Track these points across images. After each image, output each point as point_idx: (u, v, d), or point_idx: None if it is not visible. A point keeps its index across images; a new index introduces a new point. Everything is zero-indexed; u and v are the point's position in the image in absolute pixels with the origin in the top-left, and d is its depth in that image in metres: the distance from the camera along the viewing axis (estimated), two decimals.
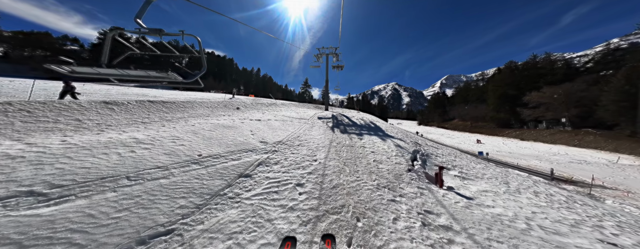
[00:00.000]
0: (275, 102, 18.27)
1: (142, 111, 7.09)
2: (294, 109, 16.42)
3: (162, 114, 7.25)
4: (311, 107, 21.77)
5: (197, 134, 5.53)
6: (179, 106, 8.76)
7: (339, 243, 2.29)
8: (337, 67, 19.27)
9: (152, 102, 8.22)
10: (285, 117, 10.86)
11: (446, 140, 31.13)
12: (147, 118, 6.42)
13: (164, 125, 6.04)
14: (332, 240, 2.23)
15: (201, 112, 8.79)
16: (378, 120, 16.00)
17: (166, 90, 23.39)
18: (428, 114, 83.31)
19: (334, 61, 22.02)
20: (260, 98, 29.55)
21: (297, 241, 2.20)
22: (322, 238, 2.29)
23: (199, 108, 9.39)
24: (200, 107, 9.55)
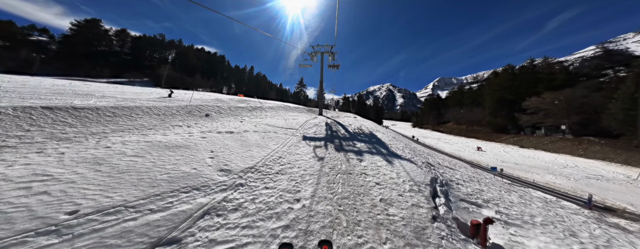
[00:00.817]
0: (262, 105, 16.12)
1: (19, 124, 4.62)
2: (282, 114, 14.39)
3: (57, 129, 4.73)
4: (303, 111, 19.78)
5: (102, 165, 3.39)
6: (105, 113, 6.26)
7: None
8: (333, 66, 18.23)
9: (52, 108, 5.75)
10: (268, 126, 8.85)
11: (445, 146, 29.89)
12: (18, 138, 4.09)
13: (41, 150, 3.71)
14: (329, 246, 2.20)
15: (143, 122, 6.43)
16: (378, 129, 14.21)
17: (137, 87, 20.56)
18: (422, 116, 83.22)
19: (330, 60, 20.21)
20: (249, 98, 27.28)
21: (292, 246, 2.19)
22: (319, 244, 2.28)
23: (142, 116, 6.88)
24: (147, 115, 7.07)
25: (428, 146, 28.78)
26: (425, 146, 27.97)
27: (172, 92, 17.24)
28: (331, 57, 19.60)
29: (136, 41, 62.19)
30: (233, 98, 19.47)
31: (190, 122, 7.36)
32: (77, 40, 49.10)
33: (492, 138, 35.28)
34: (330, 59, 20.16)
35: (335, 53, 19.47)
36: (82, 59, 42.61)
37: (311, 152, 6.02)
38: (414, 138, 42.17)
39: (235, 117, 10.00)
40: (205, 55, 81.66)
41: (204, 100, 15.26)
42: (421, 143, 32.25)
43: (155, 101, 10.53)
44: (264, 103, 22.31)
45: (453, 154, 24.90)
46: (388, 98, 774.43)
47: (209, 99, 16.21)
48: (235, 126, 7.95)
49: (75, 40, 49.00)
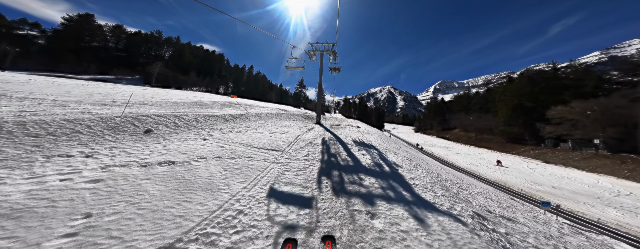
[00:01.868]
0: (246, 112, 13.47)
1: None
2: (270, 125, 11.82)
3: None
4: (298, 118, 17.20)
5: None
6: None
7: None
8: (334, 69, 16.75)
9: None
10: (243, 147, 6.28)
11: (457, 159, 26.55)
12: None
13: None
14: (332, 241, 2.20)
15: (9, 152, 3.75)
16: (389, 147, 11.51)
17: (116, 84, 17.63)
18: (425, 121, 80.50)
19: (331, 60, 17.76)
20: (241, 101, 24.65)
21: (297, 242, 2.19)
22: (322, 239, 2.28)
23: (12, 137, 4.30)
24: (23, 136, 4.33)
25: (438, 158, 25.90)
26: (434, 158, 25.18)
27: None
28: (332, 56, 17.13)
29: (131, 37, 59.95)
30: (218, 102, 16.92)
31: (101, 145, 4.71)
32: (67, 34, 46.83)
33: (506, 149, 32.23)
34: (331, 59, 17.70)
35: (336, 52, 17.03)
36: (69, 54, 40.23)
37: (295, 200, 3.45)
38: (418, 146, 39.52)
39: (198, 132, 7.42)
40: (203, 53, 79.35)
41: (177, 103, 12.72)
42: (428, 154, 29.59)
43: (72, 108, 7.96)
44: (255, 107, 19.76)
45: (471, 171, 21.67)
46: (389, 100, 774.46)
47: (184, 101, 13.66)
48: (189, 149, 5.38)
49: (65, 34, 46.72)
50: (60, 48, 42.23)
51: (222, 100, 20.65)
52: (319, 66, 16.91)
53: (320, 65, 16.76)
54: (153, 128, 6.34)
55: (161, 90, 25.73)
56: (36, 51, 39.38)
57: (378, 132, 18.05)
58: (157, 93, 19.27)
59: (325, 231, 2.66)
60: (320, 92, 17.22)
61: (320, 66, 16.77)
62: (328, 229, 2.73)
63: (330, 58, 17.52)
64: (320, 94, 17.35)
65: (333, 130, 12.98)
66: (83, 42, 50.13)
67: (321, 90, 17.04)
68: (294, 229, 2.61)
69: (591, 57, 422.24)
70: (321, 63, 16.75)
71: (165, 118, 7.51)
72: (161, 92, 20.68)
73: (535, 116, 29.91)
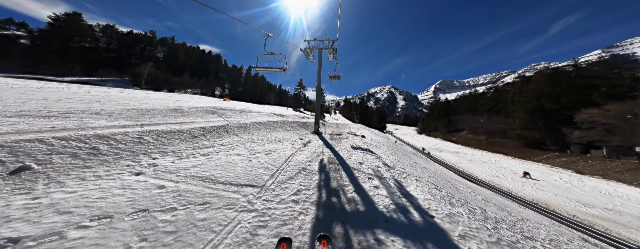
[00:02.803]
0: (228, 122, 10.78)
1: None
2: (258, 138, 9.28)
3: None
4: (294, 127, 14.64)
5: None
6: None
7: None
8: (334, 77, 15.80)
9: None
10: (201, 182, 3.76)
11: (475, 169, 23.35)
12: None
13: None
14: (328, 240, 2.20)
15: None
16: (415, 176, 8.95)
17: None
18: (428, 122, 77.78)
19: (330, 59, 15.33)
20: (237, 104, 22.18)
21: (292, 242, 2.17)
22: (318, 239, 2.25)
23: None
24: None
25: (451, 167, 22.86)
26: (446, 166, 22.48)
27: None
28: (332, 54, 14.70)
29: (123, 37, 57.57)
30: (201, 107, 14.42)
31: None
32: (54, 34, 44.48)
33: (525, 155, 29.29)
34: (330, 58, 15.26)
35: (336, 50, 14.60)
36: (52, 55, 37.83)
37: None
38: (424, 151, 36.91)
39: (135, 161, 4.86)
40: (199, 53, 77.00)
41: (145, 111, 10.24)
42: (440, 162, 26.94)
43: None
44: (244, 113, 17.26)
45: (498, 185, 18.24)
46: (389, 100, 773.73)
47: (156, 108, 11.15)
48: (90, 198, 2.86)
49: (51, 34, 44.38)
50: (45, 48, 39.88)
51: (208, 105, 18.17)
52: (317, 65, 14.47)
53: (319, 64, 14.32)
54: (35, 164, 3.81)
55: (144, 93, 23.25)
56: (18, 51, 36.99)
57: (386, 142, 15.57)
58: (132, 97, 16.80)
59: None
60: (318, 95, 14.76)
61: (319, 66, 14.33)
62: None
63: (330, 57, 15.12)
64: (319, 97, 14.89)
65: (334, 144, 10.48)
66: (73, 42, 47.81)
67: (320, 92, 14.58)
68: None
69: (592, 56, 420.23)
70: (319, 63, 14.31)
71: (79, 142, 4.97)
72: (139, 96, 18.19)
73: (558, 119, 27.10)
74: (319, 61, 14.35)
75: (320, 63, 14.36)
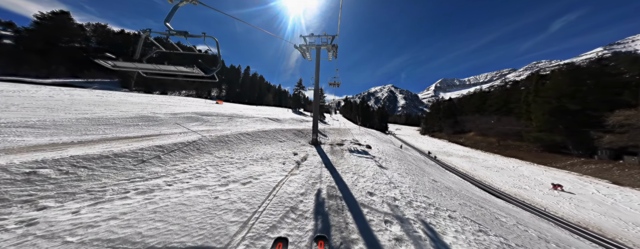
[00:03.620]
0: (202, 136, 8.34)
1: None
2: (239, 157, 6.91)
3: None
4: (287, 137, 12.27)
5: None
6: None
7: None
8: (334, 84, 15.04)
9: None
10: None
11: (493, 177, 21.08)
12: None
13: None
14: (324, 241, 2.26)
15: None
16: (447, 215, 6.78)
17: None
18: (431, 122, 75.44)
19: (330, 57, 13.19)
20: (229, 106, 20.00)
21: (288, 241, 2.21)
22: (315, 239, 2.33)
23: None
24: None
25: (464, 175, 20.18)
26: (460, 175, 20.12)
27: None
28: (331, 52, 12.56)
29: (113, 37, 55.43)
30: (181, 114, 12.28)
31: None
32: (40, 34, 42.35)
33: (544, 160, 26.81)
34: (330, 56, 13.11)
35: (337, 47, 12.48)
36: (36, 56, 35.73)
37: None
38: (430, 155, 34.70)
39: (6, 212, 2.67)
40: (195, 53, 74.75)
41: (102, 121, 8.09)
42: (452, 169, 24.66)
43: None
44: (233, 120, 15.12)
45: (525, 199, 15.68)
46: (389, 99, 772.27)
47: (122, 117, 8.95)
48: None
49: (37, 34, 42.25)
50: (29, 49, 37.77)
51: (193, 109, 16.02)
52: (315, 65, 12.30)
53: (317, 64, 12.15)
54: None
55: (125, 96, 21.12)
56: (0, 52, 34.90)
57: (395, 153, 13.42)
58: (104, 101, 14.65)
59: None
60: (316, 98, 12.59)
61: (317, 65, 12.16)
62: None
63: (330, 55, 12.98)
64: (317, 100, 12.72)
65: (335, 161, 8.32)
66: (61, 42, 45.68)
67: (318, 95, 12.41)
68: None
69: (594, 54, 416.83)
70: (317, 62, 12.15)
71: None
72: (114, 100, 16.04)
73: (583, 121, 24.67)
74: (317, 60, 12.20)
75: (318, 62, 12.21)
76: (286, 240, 2.09)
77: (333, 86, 14.01)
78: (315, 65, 12.27)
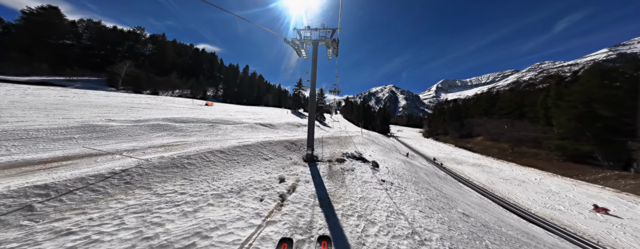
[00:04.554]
0: (151, 157, 5.70)
1: None
2: (198, 191, 4.13)
3: None
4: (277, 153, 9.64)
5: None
6: None
7: None
8: (334, 91, 14.02)
9: None
10: None
11: (516, 192, 18.13)
12: None
13: None
14: (328, 242, 2.33)
15: None
16: None
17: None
18: (435, 124, 72.78)
19: (329, 55, 10.81)
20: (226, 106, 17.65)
21: (293, 242, 2.32)
22: (318, 240, 2.41)
23: None
24: None
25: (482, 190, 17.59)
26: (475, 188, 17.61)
27: None
28: (331, 48, 10.18)
29: (106, 34, 53.11)
30: (145, 121, 9.88)
31: None
32: (25, 30, 40.12)
33: (569, 171, 23.70)
34: (329, 53, 10.72)
35: (337, 43, 10.14)
36: (17, 52, 33.50)
37: None
38: (435, 161, 32.22)
39: None
40: (192, 51, 72.53)
41: (27, 135, 5.73)
42: (461, 178, 22.21)
43: None
44: (215, 128, 12.75)
45: (565, 226, 12.72)
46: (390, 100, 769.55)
47: (64, 127, 6.55)
48: None
49: (22, 30, 40.02)
50: (11, 45, 35.53)
51: (168, 115, 13.62)
52: (311, 64, 9.86)
53: (313, 62, 9.70)
54: None
55: (95, 96, 18.73)
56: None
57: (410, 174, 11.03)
58: (59, 102, 12.30)
59: None
60: (312, 102, 10.15)
61: (313, 64, 9.71)
62: None
63: (329, 53, 10.54)
64: (313, 105, 10.28)
65: (335, 191, 5.89)
66: (48, 38, 43.46)
67: (314, 99, 9.98)
68: None
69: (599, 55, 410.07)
70: (314, 60, 9.70)
71: None
72: (74, 101, 13.68)
73: (617, 129, 21.95)
74: (314, 57, 9.75)
75: (315, 61, 9.76)
76: (291, 241, 2.19)
77: (333, 94, 11.55)
78: (312, 64, 9.83)
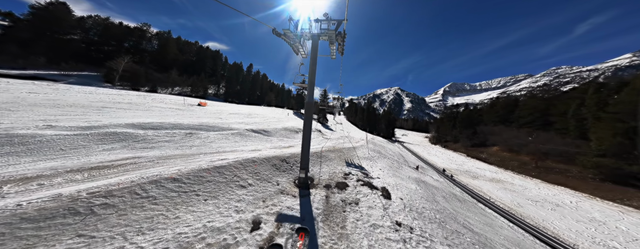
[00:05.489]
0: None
1: None
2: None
3: None
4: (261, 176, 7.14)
5: None
6: None
7: None
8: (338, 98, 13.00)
9: None
10: None
11: (552, 220, 15.11)
12: None
13: None
14: (305, 233, 2.68)
15: None
16: None
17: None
18: (444, 130, 69.17)
19: (332, 53, 8.38)
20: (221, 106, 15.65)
21: (308, 231, 2.67)
22: (296, 231, 2.76)
23: None
24: None
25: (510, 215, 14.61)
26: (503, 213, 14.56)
27: None
28: (336, 45, 7.75)
29: (109, 29, 52.56)
30: (103, 128, 7.90)
31: None
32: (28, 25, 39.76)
33: (609, 194, 20.02)
34: (332, 50, 8.30)
35: (344, 36, 7.73)
36: (12, 45, 32.79)
37: None
38: (444, 173, 29.29)
39: None
40: (196, 49, 71.64)
41: None
42: (476, 195, 19.33)
43: None
44: (192, 137, 10.67)
45: None
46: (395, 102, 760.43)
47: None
48: None
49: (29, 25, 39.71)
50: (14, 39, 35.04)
51: (138, 119, 11.58)
52: (310, 63, 7.51)
53: (312, 62, 7.38)
54: None
55: (71, 92, 17.02)
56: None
57: (434, 213, 8.52)
58: (16, 99, 10.53)
59: None
60: (309, 114, 7.83)
61: (312, 64, 7.38)
62: None
63: (332, 50, 8.03)
64: (310, 117, 7.94)
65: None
66: (54, 33, 43.12)
67: (311, 111, 7.66)
68: None
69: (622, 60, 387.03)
70: (314, 59, 7.38)
71: None
72: (35, 99, 11.89)
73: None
74: (313, 56, 7.39)
75: (314, 60, 7.44)
76: (307, 230, 2.50)
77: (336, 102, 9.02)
78: (310, 64, 7.49)
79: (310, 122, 7.66)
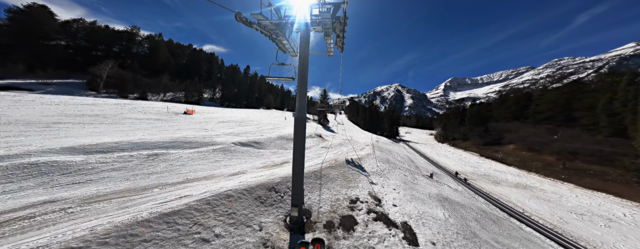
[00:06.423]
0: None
1: None
2: None
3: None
4: (234, 218, 4.60)
5: None
6: None
7: None
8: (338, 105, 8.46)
9: None
10: None
11: (610, 240, 11.84)
12: None
13: None
14: (321, 244, 2.58)
15: None
16: None
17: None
18: (451, 127, 66.05)
19: (330, 48, 5.52)
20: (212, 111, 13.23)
21: (324, 242, 2.54)
22: (312, 242, 2.67)
23: None
24: None
25: (557, 237, 11.60)
26: (544, 232, 11.47)
27: None
28: (334, 36, 4.87)
29: (95, 33, 50.06)
30: (17, 159, 5.46)
31: None
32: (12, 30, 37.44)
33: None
34: (330, 44, 5.44)
35: (344, 24, 4.76)
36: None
37: None
38: (458, 176, 26.58)
39: None
40: (189, 51, 69.04)
41: None
42: (509, 209, 16.45)
43: None
44: (156, 159, 8.13)
45: None
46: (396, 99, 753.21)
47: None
48: None
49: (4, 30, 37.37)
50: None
51: (92, 140, 9.06)
52: (299, 63, 4.85)
53: (301, 60, 4.73)
54: None
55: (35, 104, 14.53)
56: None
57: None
58: None
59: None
60: (300, 134, 5.25)
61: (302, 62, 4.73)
62: None
63: (329, 44, 5.16)
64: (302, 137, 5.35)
65: None
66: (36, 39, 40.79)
67: (303, 128, 5.09)
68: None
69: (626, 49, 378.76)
70: (303, 56, 4.72)
71: None
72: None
73: None
74: (302, 53, 4.73)
75: (305, 58, 4.75)
76: (323, 242, 2.47)
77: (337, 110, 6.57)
78: (299, 64, 4.82)
79: (302, 144, 5.03)
